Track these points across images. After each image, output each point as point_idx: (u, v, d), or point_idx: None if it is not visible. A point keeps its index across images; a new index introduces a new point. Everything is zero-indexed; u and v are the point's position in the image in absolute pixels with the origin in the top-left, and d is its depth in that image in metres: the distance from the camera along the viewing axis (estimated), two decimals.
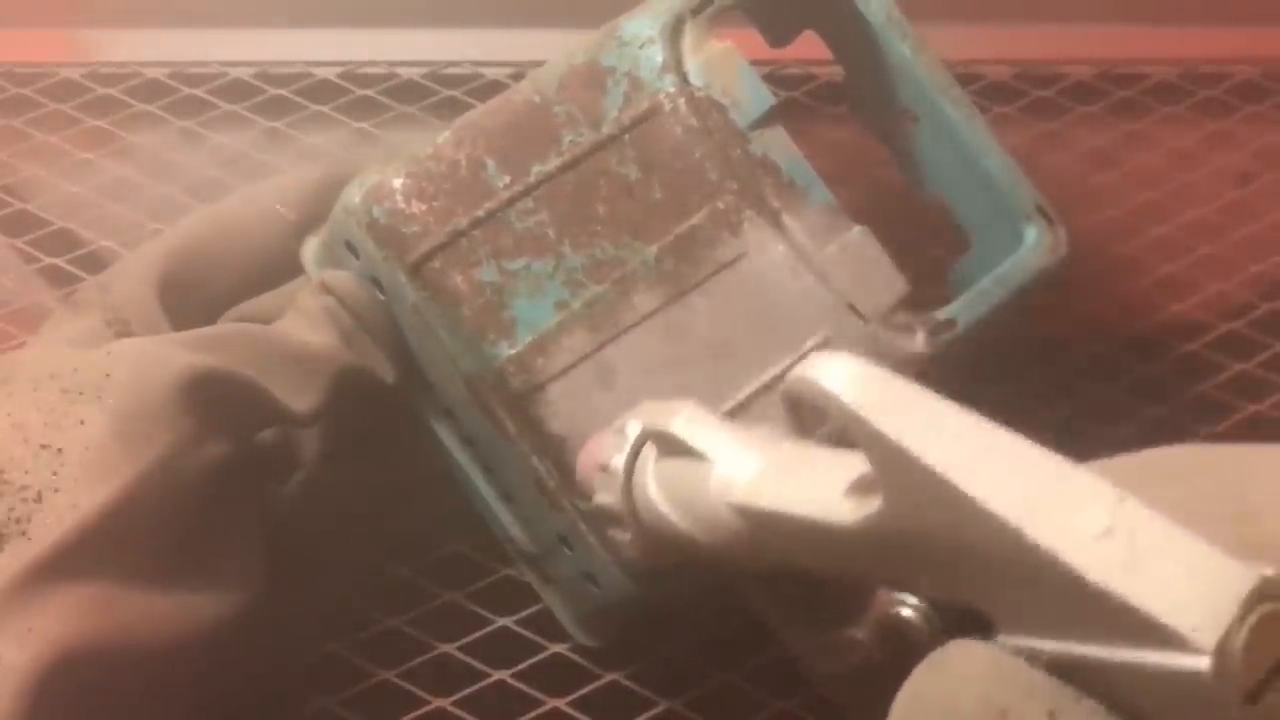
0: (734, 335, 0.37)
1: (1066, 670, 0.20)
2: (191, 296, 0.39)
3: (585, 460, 0.32)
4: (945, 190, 0.44)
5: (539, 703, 0.41)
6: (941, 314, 0.39)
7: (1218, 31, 0.59)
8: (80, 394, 0.33)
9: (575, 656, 0.42)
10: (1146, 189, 0.54)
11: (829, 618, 0.27)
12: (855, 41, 0.43)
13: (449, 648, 0.42)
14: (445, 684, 0.42)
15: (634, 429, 0.30)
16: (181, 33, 0.60)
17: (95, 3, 0.60)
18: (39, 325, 0.40)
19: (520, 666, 0.42)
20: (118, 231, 0.53)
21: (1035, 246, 0.41)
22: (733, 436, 0.28)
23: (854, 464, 0.24)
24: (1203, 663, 0.18)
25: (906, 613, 0.24)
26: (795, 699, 0.41)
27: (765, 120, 0.39)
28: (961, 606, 0.22)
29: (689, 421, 0.29)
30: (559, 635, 0.42)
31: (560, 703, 0.41)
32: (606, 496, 0.31)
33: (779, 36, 0.45)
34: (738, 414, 0.37)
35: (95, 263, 0.52)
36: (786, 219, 0.38)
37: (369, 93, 0.58)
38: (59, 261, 0.52)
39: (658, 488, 0.29)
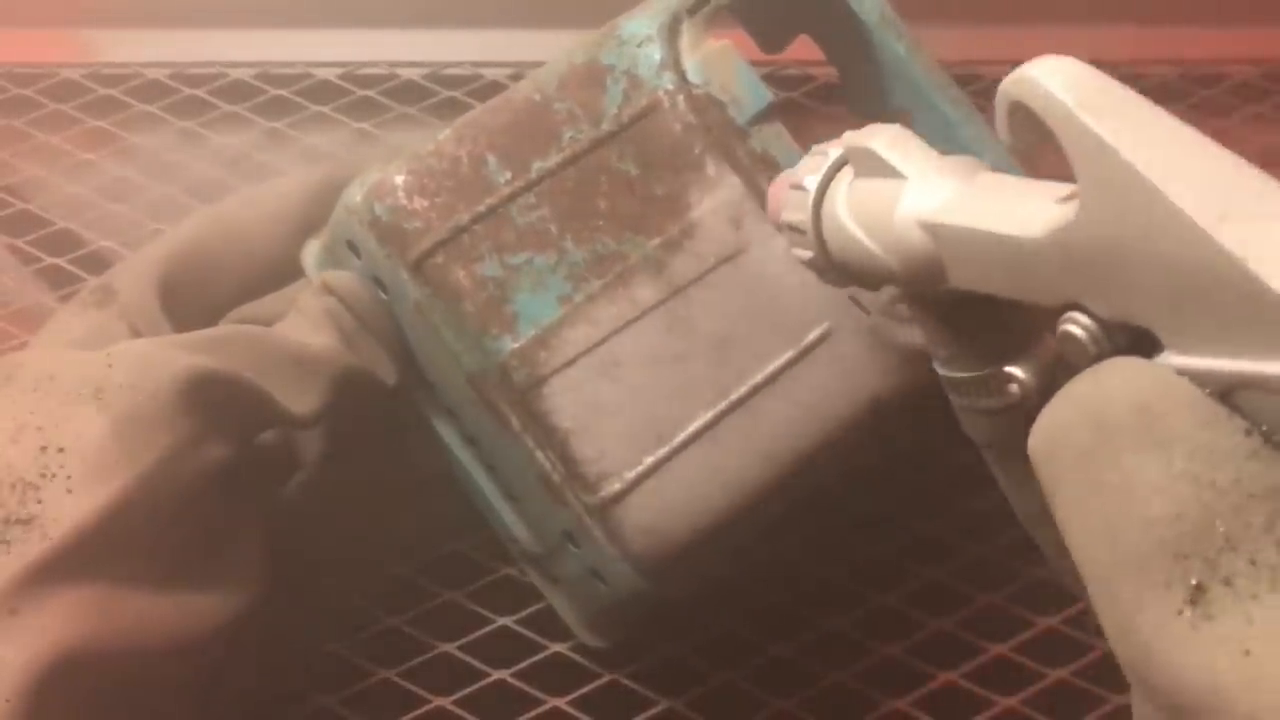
0: (735, 329, 0.38)
1: (1229, 393, 0.21)
2: (192, 298, 0.39)
3: (780, 181, 0.32)
4: None
5: (539, 702, 0.41)
6: None
7: (1218, 31, 0.59)
8: (81, 395, 0.33)
9: (575, 656, 0.42)
10: None
11: (992, 351, 0.27)
12: (849, 43, 0.43)
13: (449, 647, 0.42)
14: (445, 683, 0.42)
15: (834, 150, 0.30)
16: (182, 33, 0.60)
17: (96, 3, 0.60)
18: (40, 326, 0.40)
19: (520, 666, 0.42)
20: (118, 232, 0.53)
21: None
22: (933, 159, 0.28)
23: (1052, 189, 0.24)
24: None
25: (1074, 330, 0.23)
26: (795, 699, 0.41)
27: (764, 116, 0.39)
28: (1132, 330, 0.22)
29: (890, 141, 0.29)
30: (559, 634, 0.42)
31: (560, 702, 0.41)
32: (794, 214, 0.31)
33: (773, 42, 0.45)
34: (739, 408, 0.37)
35: (96, 263, 0.52)
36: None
37: (369, 93, 0.58)
38: (60, 262, 0.52)
39: (848, 206, 0.29)
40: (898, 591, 0.44)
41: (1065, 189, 0.24)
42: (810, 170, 0.31)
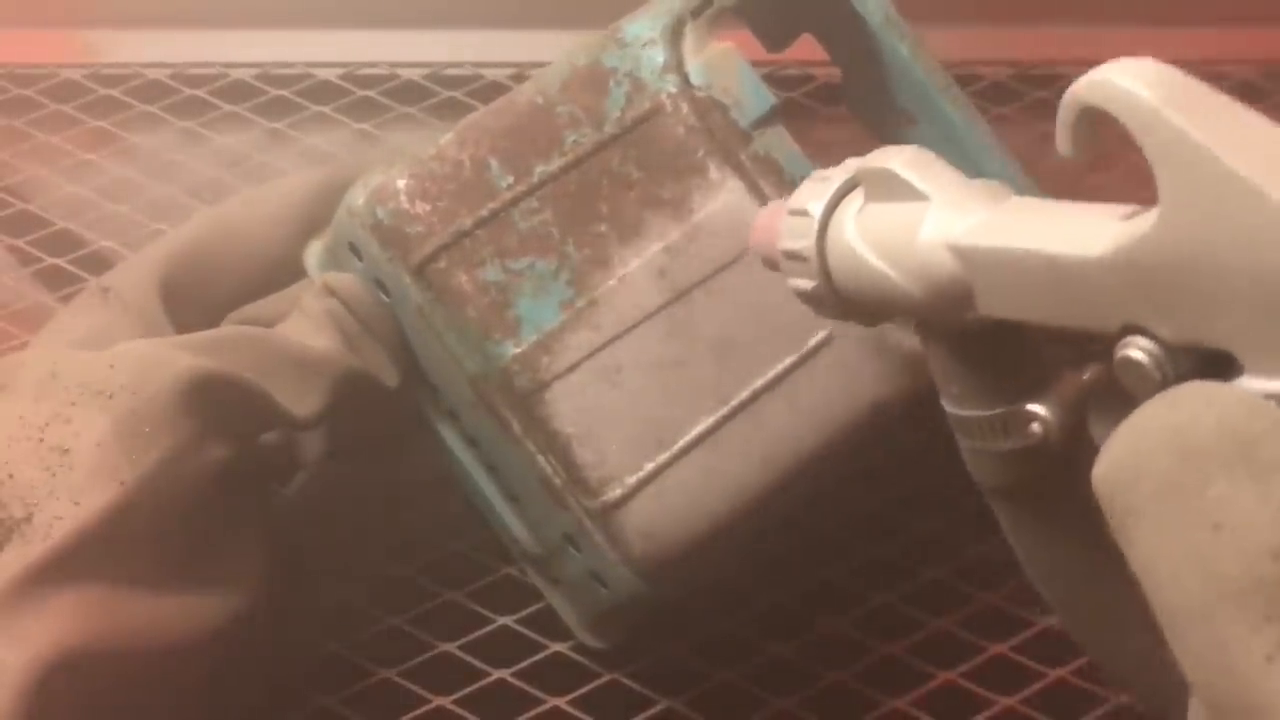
0: (738, 333, 0.38)
1: None
2: (193, 299, 0.39)
3: (773, 209, 0.31)
4: None
5: (539, 702, 0.41)
6: None
7: (1217, 31, 0.59)
8: (82, 396, 0.33)
9: (576, 656, 0.42)
10: (1146, 189, 0.54)
11: (1011, 388, 0.26)
12: (853, 43, 0.43)
13: (449, 647, 0.42)
14: (445, 683, 0.42)
15: (841, 174, 0.29)
16: (182, 33, 0.60)
17: (96, 3, 0.60)
18: (40, 326, 0.40)
19: (521, 665, 0.42)
20: (119, 232, 0.53)
21: None
22: (957, 180, 0.26)
23: (1112, 207, 0.22)
24: None
25: (1136, 354, 0.21)
26: (795, 699, 0.41)
27: (766, 120, 0.39)
28: (1200, 353, 0.21)
29: (910, 161, 0.27)
30: (559, 634, 0.42)
31: (560, 702, 0.41)
32: (794, 242, 0.29)
33: (776, 40, 0.46)
34: (740, 412, 0.37)
35: (96, 263, 0.52)
36: None
37: (370, 94, 0.58)
38: (60, 262, 0.52)
39: (860, 231, 0.28)
40: (897, 591, 0.44)
41: (1125, 207, 0.22)
42: (813, 196, 0.29)
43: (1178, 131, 0.20)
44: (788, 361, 0.38)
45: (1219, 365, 0.20)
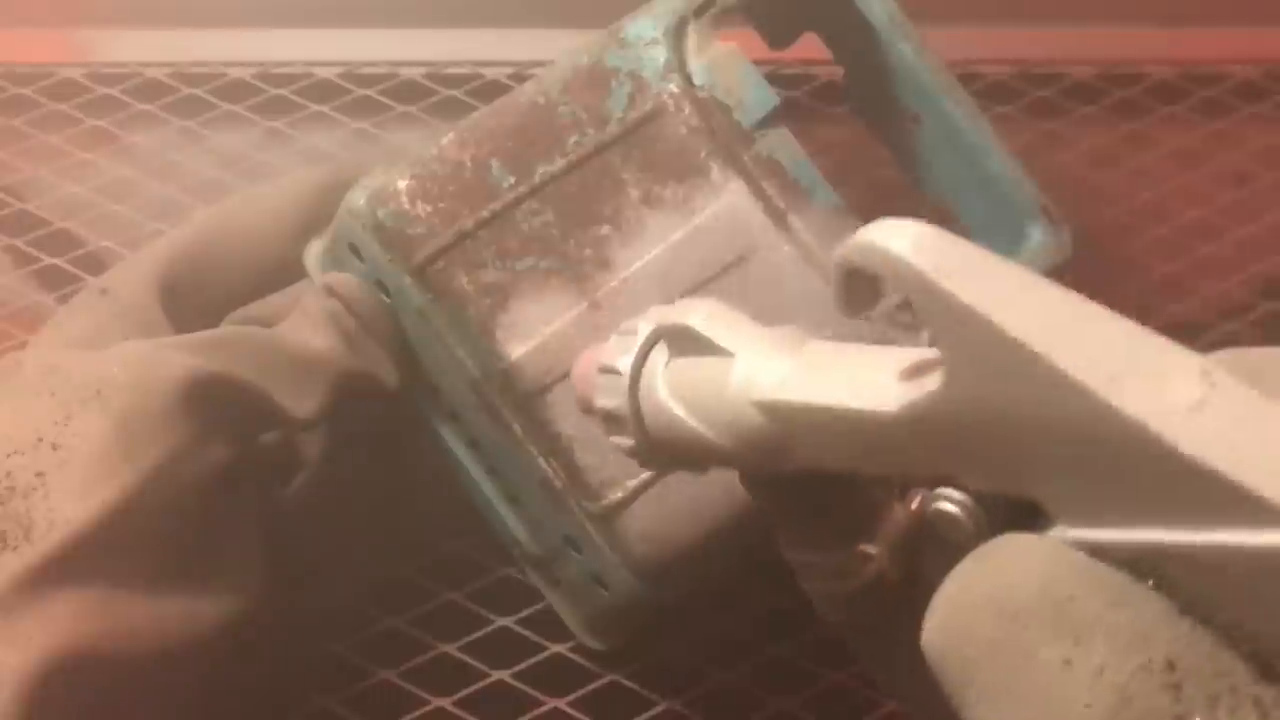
0: None
1: (1134, 564, 0.19)
2: (193, 299, 0.39)
3: (584, 363, 0.30)
4: (947, 191, 0.44)
5: (539, 703, 0.41)
6: None
7: (1218, 31, 0.59)
8: (81, 396, 0.33)
9: (575, 656, 0.42)
10: (1146, 189, 0.54)
11: (841, 531, 0.25)
12: (857, 43, 0.43)
13: (449, 648, 0.42)
14: (445, 684, 0.42)
15: (645, 328, 0.28)
16: (181, 32, 0.60)
17: (95, 3, 0.60)
18: (39, 326, 0.40)
19: (520, 666, 0.42)
20: (117, 232, 0.53)
21: (1039, 247, 0.41)
22: (759, 333, 0.26)
23: (902, 355, 0.22)
24: None
25: (947, 507, 0.22)
26: (795, 699, 0.41)
27: (769, 120, 0.39)
28: (1011, 501, 0.20)
29: (709, 317, 0.27)
30: (559, 635, 0.42)
31: (560, 703, 0.41)
32: (608, 400, 0.28)
33: (779, 38, 0.45)
34: None
35: (95, 263, 0.52)
36: (792, 219, 0.38)
37: (369, 93, 0.58)
38: (59, 262, 0.52)
39: (668, 387, 0.27)
40: None
41: (912, 355, 0.22)
42: (620, 350, 0.28)
43: (952, 299, 0.19)
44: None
45: (1033, 511, 0.20)
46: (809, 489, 0.26)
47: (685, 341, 0.27)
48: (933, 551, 0.22)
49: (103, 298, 0.39)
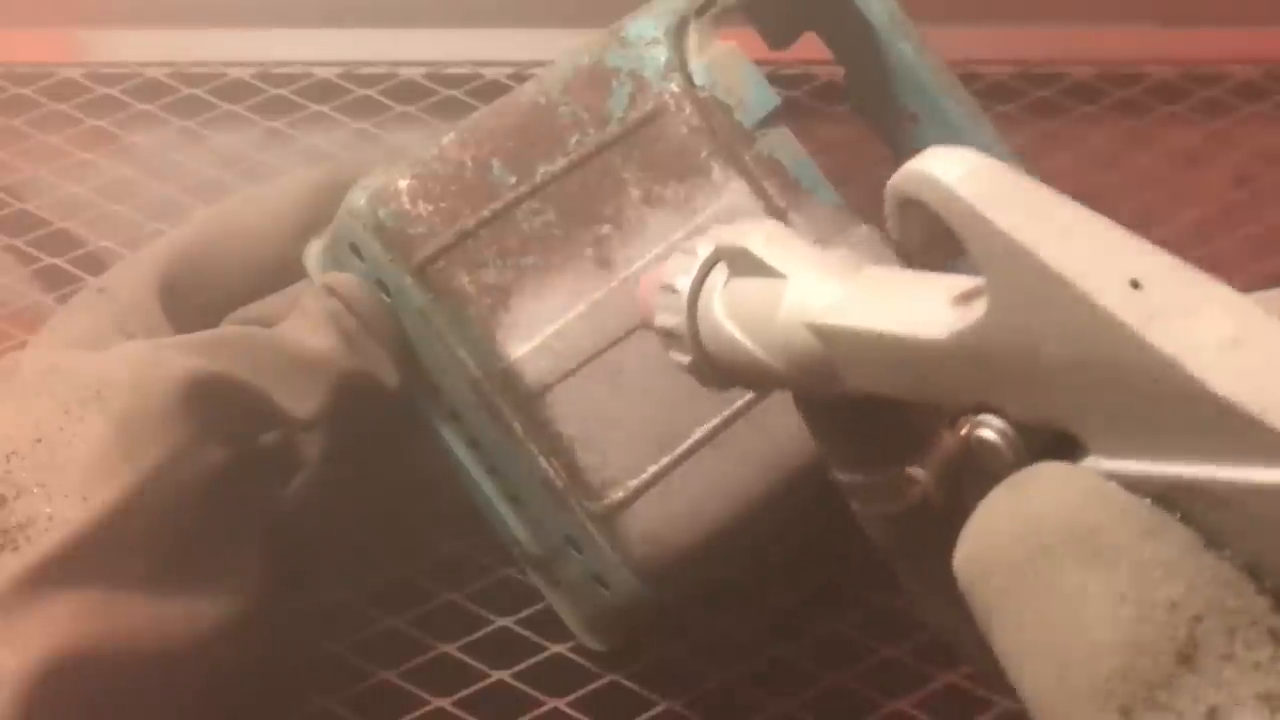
0: None
1: (1164, 497, 0.19)
2: (193, 299, 0.39)
3: (647, 282, 0.30)
4: None
5: (539, 703, 0.41)
6: None
7: (1218, 31, 0.59)
8: (81, 397, 0.33)
9: (575, 656, 0.42)
10: (1146, 189, 0.54)
11: (889, 454, 0.26)
12: (857, 43, 0.43)
13: (449, 648, 0.42)
14: (445, 684, 0.42)
15: (705, 249, 0.29)
16: (181, 32, 0.60)
17: (95, 3, 0.60)
18: (38, 326, 0.40)
19: (520, 666, 0.42)
20: (117, 232, 0.53)
21: None
22: (813, 256, 0.26)
23: (949, 283, 0.22)
24: None
25: (989, 435, 0.22)
26: (795, 699, 0.41)
27: (770, 120, 0.39)
28: (1050, 431, 0.21)
29: (768, 239, 0.27)
30: (559, 635, 0.42)
31: (560, 703, 0.41)
32: (669, 318, 0.29)
33: (780, 38, 0.45)
34: (742, 416, 0.37)
35: (94, 263, 0.52)
36: (794, 218, 0.38)
37: (369, 92, 0.58)
38: (58, 262, 0.52)
39: (725, 308, 0.28)
40: (898, 592, 0.43)
41: (962, 284, 0.22)
42: (680, 270, 0.29)
43: (996, 230, 0.20)
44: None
45: (1071, 443, 0.21)
46: (859, 412, 0.26)
47: (743, 262, 0.27)
48: (976, 478, 0.22)
49: (102, 297, 0.39)
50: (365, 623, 0.43)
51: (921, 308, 0.23)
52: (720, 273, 0.28)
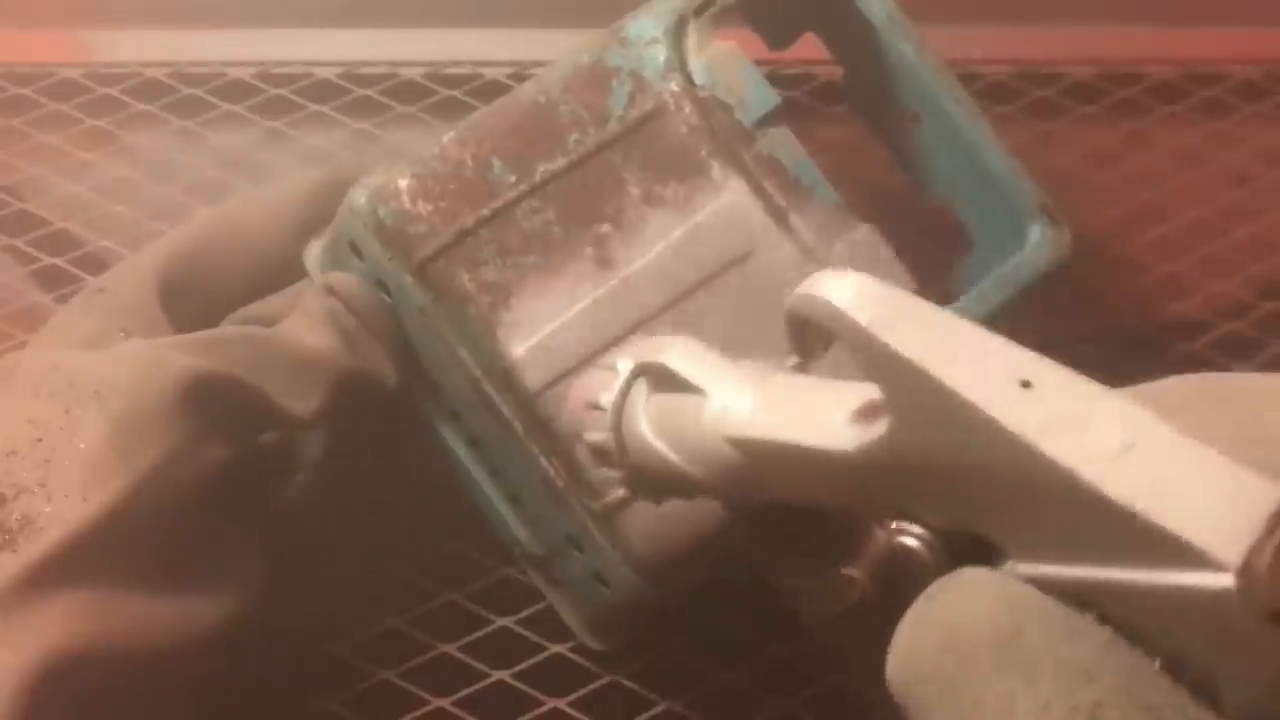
0: (741, 333, 0.37)
1: (1079, 598, 0.20)
2: (193, 299, 0.39)
3: (575, 398, 0.31)
4: (948, 190, 0.44)
5: (539, 703, 0.41)
6: None
7: (1218, 31, 0.59)
8: (79, 397, 0.33)
9: (575, 656, 0.42)
10: (1146, 189, 0.54)
11: (824, 556, 0.26)
12: (856, 43, 0.43)
13: (449, 648, 0.42)
14: (445, 684, 0.42)
15: (625, 366, 0.29)
16: (181, 33, 0.60)
17: (95, 3, 0.60)
18: (38, 326, 0.40)
19: (520, 666, 0.42)
20: (117, 232, 0.53)
21: (1039, 246, 0.41)
22: (728, 370, 0.27)
23: (856, 392, 0.23)
24: (1226, 580, 0.17)
25: (910, 542, 0.23)
26: (795, 699, 0.41)
27: (770, 119, 0.39)
28: (968, 535, 0.21)
29: (682, 356, 0.28)
30: (559, 635, 0.42)
31: (560, 703, 0.41)
32: (597, 434, 0.30)
33: (779, 39, 0.46)
34: None
35: (95, 263, 0.52)
36: (793, 218, 0.38)
37: (369, 93, 0.58)
38: (58, 262, 0.52)
39: (649, 423, 0.29)
40: None
41: (868, 392, 0.22)
42: (603, 387, 0.29)
43: (887, 348, 0.21)
44: (791, 363, 0.37)
45: (989, 545, 0.21)
46: (790, 516, 0.27)
47: (662, 378, 0.28)
48: (909, 576, 0.23)
49: (102, 297, 0.39)
50: (365, 623, 0.43)
51: (830, 420, 0.23)
52: (641, 388, 0.29)
